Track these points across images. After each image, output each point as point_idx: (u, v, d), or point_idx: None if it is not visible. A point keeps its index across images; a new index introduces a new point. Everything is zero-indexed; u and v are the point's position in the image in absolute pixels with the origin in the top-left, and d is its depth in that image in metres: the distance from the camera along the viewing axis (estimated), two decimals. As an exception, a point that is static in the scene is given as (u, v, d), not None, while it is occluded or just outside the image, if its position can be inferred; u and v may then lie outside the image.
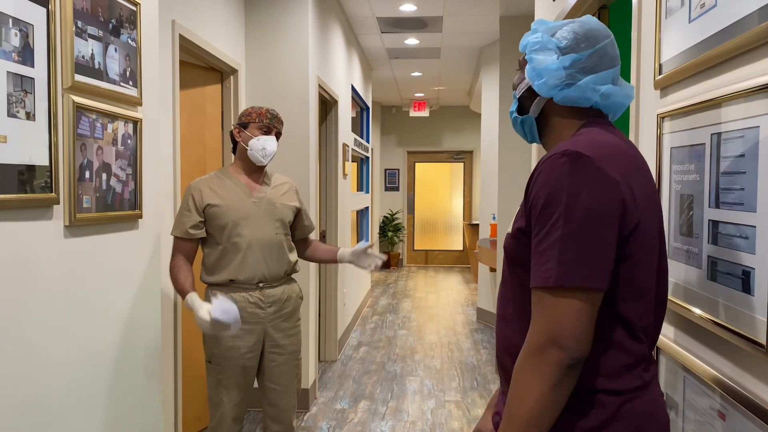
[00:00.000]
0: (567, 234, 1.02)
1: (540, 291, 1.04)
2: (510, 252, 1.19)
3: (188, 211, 2.44)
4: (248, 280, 2.44)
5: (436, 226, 11.68)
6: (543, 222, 1.05)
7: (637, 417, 1.08)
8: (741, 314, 1.10)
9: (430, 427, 3.76)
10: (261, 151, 2.47)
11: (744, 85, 1.08)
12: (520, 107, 1.29)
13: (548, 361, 1.01)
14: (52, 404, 1.63)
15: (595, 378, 1.08)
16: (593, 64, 1.17)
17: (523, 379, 1.04)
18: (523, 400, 1.03)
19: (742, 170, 1.10)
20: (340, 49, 5.35)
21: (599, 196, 1.02)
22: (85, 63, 1.71)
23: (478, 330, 6.36)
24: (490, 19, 5.60)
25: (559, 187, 1.04)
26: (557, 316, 1.02)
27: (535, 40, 1.22)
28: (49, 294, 1.61)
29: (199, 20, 3.19)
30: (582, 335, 1.01)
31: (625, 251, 1.06)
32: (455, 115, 11.38)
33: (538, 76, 1.20)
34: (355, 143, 6.47)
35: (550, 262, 1.03)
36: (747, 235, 1.08)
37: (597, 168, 1.04)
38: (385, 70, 8.13)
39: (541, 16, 3.27)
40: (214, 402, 2.49)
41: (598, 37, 1.18)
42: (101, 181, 1.81)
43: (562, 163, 1.05)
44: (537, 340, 1.03)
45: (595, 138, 1.11)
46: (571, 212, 1.02)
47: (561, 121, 1.22)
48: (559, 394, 1.02)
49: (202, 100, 3.56)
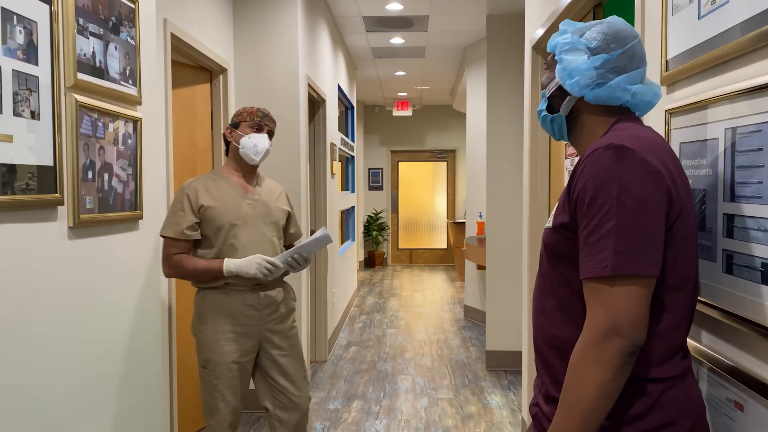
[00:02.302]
0: (620, 224, 1.05)
1: (595, 281, 1.07)
2: (552, 246, 1.21)
3: (182, 211, 2.37)
4: (244, 282, 2.40)
5: (420, 224, 11.71)
6: (593, 214, 1.08)
7: (678, 404, 1.11)
8: (761, 306, 1.12)
9: (424, 425, 3.76)
10: (253, 149, 2.44)
11: (762, 80, 1.09)
12: (549, 106, 1.32)
13: (610, 349, 1.04)
14: (56, 406, 1.60)
15: (642, 366, 1.10)
16: (623, 64, 1.21)
17: (583, 368, 1.06)
18: (584, 388, 1.05)
19: (760, 164, 1.12)
20: (326, 48, 5.34)
21: (648, 186, 1.06)
22: (87, 61, 1.69)
23: (466, 327, 6.39)
24: (477, 18, 5.62)
25: (607, 179, 1.07)
26: (617, 305, 1.04)
27: (565, 41, 1.25)
28: (53, 297, 1.58)
29: (190, 19, 3.16)
30: (641, 323, 1.05)
31: (670, 238, 1.09)
32: (438, 114, 11.41)
33: (570, 75, 1.23)
34: (342, 142, 6.46)
35: (604, 252, 1.05)
36: (766, 228, 1.10)
37: (642, 159, 1.07)
38: (369, 70, 8.12)
39: (532, 14, 3.29)
40: (210, 409, 2.43)
41: (627, 37, 1.22)
42: (103, 181, 1.78)
43: (608, 156, 1.08)
44: (598, 329, 1.05)
45: (634, 132, 1.14)
46: (623, 203, 1.05)
47: (592, 118, 1.26)
48: (620, 381, 1.05)
49: (192, 99, 3.52)
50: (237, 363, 2.41)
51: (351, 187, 7.80)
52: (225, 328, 2.39)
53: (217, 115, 3.70)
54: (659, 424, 1.10)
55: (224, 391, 2.40)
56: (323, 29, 5.14)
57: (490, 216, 5.11)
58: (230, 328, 2.40)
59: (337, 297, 5.99)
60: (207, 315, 2.40)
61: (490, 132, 5.11)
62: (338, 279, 6.03)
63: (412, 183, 11.70)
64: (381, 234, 11.26)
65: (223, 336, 2.39)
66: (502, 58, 5.09)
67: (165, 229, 2.38)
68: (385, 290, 8.79)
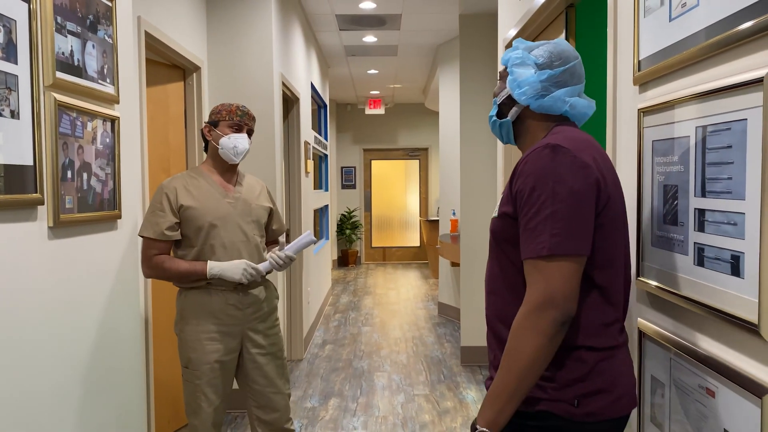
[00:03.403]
0: (556, 212, 1.23)
1: (534, 260, 1.24)
2: (498, 233, 1.38)
3: (162, 211, 2.34)
4: (226, 282, 2.39)
5: (393, 223, 11.75)
6: (532, 203, 1.25)
7: (611, 374, 1.30)
8: (730, 296, 1.17)
9: (401, 420, 3.80)
10: (232, 150, 2.42)
11: (732, 80, 1.14)
12: (499, 112, 1.50)
13: (546, 318, 1.21)
14: (34, 406, 1.59)
15: (576, 335, 1.29)
16: (564, 80, 1.40)
17: (522, 334, 1.23)
18: (522, 351, 1.22)
19: (729, 161, 1.17)
20: (300, 46, 5.33)
21: (579, 179, 1.24)
22: (65, 60, 1.67)
23: (440, 324, 6.44)
24: (449, 17, 5.67)
25: (545, 174, 1.25)
26: (553, 280, 1.22)
27: (516, 56, 1.44)
28: (32, 297, 1.56)
29: (163, 16, 3.14)
30: (572, 295, 1.22)
31: (598, 223, 1.27)
32: (410, 113, 11.46)
33: (519, 86, 1.41)
34: (315, 141, 6.46)
35: (543, 236, 1.23)
36: (736, 221, 1.15)
37: (575, 156, 1.26)
38: (341, 68, 8.12)
39: (505, 15, 3.34)
40: (193, 409, 2.41)
41: (569, 57, 1.41)
42: (82, 180, 1.77)
43: (546, 154, 1.27)
44: (536, 301, 1.22)
45: (569, 134, 1.33)
46: (558, 193, 1.23)
47: (535, 124, 1.44)
48: (552, 346, 1.22)
49: (165, 98, 3.49)
50: (219, 362, 2.40)
51: (325, 186, 7.80)
52: (207, 328, 2.38)
53: (191, 114, 3.67)
54: (595, 389, 1.28)
55: (207, 391, 2.39)
56: (296, 27, 5.14)
57: (464, 213, 5.16)
58: (213, 327, 2.39)
59: (312, 296, 5.99)
60: (189, 314, 2.39)
61: (464, 130, 5.16)
62: (313, 278, 6.03)
63: (384, 181, 11.73)
64: (354, 232, 11.27)
65: (206, 335, 2.38)
66: (475, 58, 5.14)
67: (144, 229, 2.35)
68: (360, 288, 8.81)
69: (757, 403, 1.09)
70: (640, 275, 1.58)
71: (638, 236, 1.58)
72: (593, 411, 1.28)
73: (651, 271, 1.52)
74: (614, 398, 1.29)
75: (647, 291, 1.56)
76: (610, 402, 1.29)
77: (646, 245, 1.55)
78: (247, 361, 2.49)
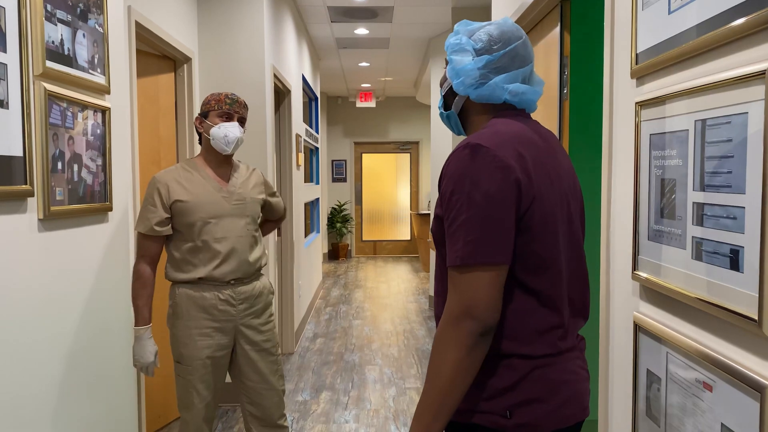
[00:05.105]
0: (470, 218, 1.16)
1: (452, 269, 1.18)
2: (434, 234, 1.32)
3: (153, 206, 2.30)
4: (219, 278, 2.36)
5: (384, 216, 11.74)
6: (451, 207, 1.19)
7: (547, 383, 1.22)
8: (730, 291, 1.16)
9: (393, 414, 3.80)
10: (223, 139, 2.37)
11: (733, 74, 1.13)
12: (445, 103, 1.41)
13: (464, 330, 1.14)
14: (25, 400, 1.57)
15: (506, 342, 1.22)
16: (505, 65, 1.30)
17: (441, 348, 1.17)
18: (441, 365, 1.16)
19: (729, 154, 1.16)
20: (291, 38, 5.29)
21: (496, 181, 1.16)
22: (55, 49, 1.64)
23: (431, 317, 6.45)
24: (442, 9, 5.64)
25: (462, 176, 1.18)
26: (469, 291, 1.15)
27: (455, 42, 1.33)
28: (21, 292, 1.54)
29: (153, 6, 3.10)
30: (491, 305, 1.15)
31: (523, 225, 1.19)
32: (401, 106, 11.44)
33: (456, 75, 1.32)
34: (306, 134, 6.43)
35: (458, 244, 1.17)
36: (735, 215, 1.14)
37: (494, 156, 1.17)
38: (332, 60, 8.08)
39: (498, 6, 3.32)
40: (184, 404, 2.40)
41: (511, 38, 1.30)
42: (73, 172, 1.74)
43: (465, 155, 1.19)
44: (452, 312, 1.16)
45: (498, 129, 1.24)
46: (473, 198, 1.16)
47: (477, 116, 1.35)
48: (474, 358, 1.15)
49: (156, 89, 3.45)
50: (211, 358, 2.38)
51: (315, 179, 7.77)
52: (199, 323, 2.36)
53: (182, 106, 3.63)
54: (527, 399, 1.21)
55: (198, 386, 2.37)
56: (288, 19, 5.10)
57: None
58: (205, 323, 2.37)
59: (303, 289, 5.97)
60: (181, 310, 2.37)
61: (456, 124, 5.15)
62: (303, 271, 6.02)
63: (375, 175, 11.71)
64: (345, 226, 11.26)
65: (198, 331, 2.36)
66: (467, 51, 5.12)
67: (137, 224, 2.34)
68: (350, 282, 8.80)
69: (757, 398, 1.09)
70: (635, 269, 1.57)
71: (634, 230, 1.58)
72: (528, 422, 1.21)
73: (647, 265, 1.52)
74: (554, 408, 1.22)
75: (642, 284, 1.56)
76: (548, 412, 1.22)
77: (642, 239, 1.54)
78: (240, 357, 2.47)
